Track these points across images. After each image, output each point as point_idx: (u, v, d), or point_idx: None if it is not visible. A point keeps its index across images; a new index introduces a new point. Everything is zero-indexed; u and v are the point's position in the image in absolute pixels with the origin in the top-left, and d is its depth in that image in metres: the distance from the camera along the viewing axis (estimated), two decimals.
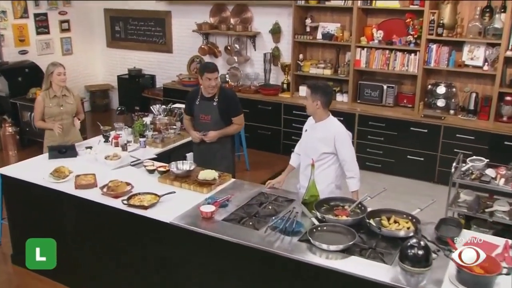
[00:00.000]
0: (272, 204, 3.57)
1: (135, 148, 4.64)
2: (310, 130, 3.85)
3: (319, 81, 3.78)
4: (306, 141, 3.86)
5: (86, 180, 3.81)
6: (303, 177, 3.93)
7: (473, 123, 5.89)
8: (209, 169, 3.87)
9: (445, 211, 4.78)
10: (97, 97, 8.98)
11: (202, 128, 4.41)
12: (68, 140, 4.75)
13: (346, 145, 3.74)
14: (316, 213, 3.29)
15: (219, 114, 4.35)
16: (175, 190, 3.67)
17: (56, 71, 4.62)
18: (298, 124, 6.85)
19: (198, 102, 4.41)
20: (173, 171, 3.89)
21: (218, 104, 4.33)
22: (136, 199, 3.51)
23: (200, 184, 3.74)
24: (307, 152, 3.84)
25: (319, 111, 3.74)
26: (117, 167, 4.18)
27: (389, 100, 6.41)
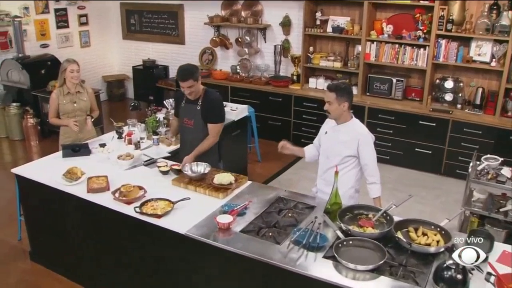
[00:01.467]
0: (291, 211, 3.01)
1: (148, 146, 4.07)
2: (331, 133, 3.26)
3: (338, 82, 3.16)
4: (327, 144, 3.28)
5: (98, 183, 3.25)
6: (321, 181, 3.37)
7: (479, 117, 5.29)
8: (225, 172, 3.31)
9: (461, 212, 4.23)
10: (114, 87, 8.36)
11: (186, 133, 3.73)
12: (82, 137, 4.18)
13: (369, 148, 3.16)
14: (341, 224, 2.73)
15: (202, 119, 3.61)
16: (189, 196, 3.12)
17: (69, 68, 4.03)
18: (308, 115, 6.28)
19: (183, 105, 3.70)
20: (188, 174, 3.32)
21: (201, 109, 3.60)
22: (149, 206, 2.95)
23: (216, 188, 3.18)
24: (328, 155, 3.27)
25: (344, 114, 3.15)
26: (129, 167, 3.62)
27: (398, 93, 5.79)
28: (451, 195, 5.08)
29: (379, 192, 3.19)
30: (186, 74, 3.47)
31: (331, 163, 3.24)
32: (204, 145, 3.63)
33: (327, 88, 3.14)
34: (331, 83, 3.21)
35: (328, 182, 3.28)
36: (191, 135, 3.69)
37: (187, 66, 3.58)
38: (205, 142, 3.64)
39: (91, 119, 4.21)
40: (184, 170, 3.37)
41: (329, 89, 3.12)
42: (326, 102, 3.15)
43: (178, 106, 3.76)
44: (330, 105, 3.13)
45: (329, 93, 3.11)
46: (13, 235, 4.23)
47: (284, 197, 3.17)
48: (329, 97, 3.12)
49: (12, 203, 4.41)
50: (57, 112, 4.12)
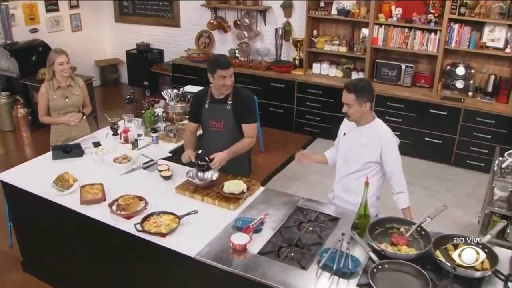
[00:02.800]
0: (312, 224, 2.55)
1: (147, 144, 3.56)
2: (350, 135, 2.78)
3: (356, 80, 2.63)
4: (346, 148, 2.80)
5: (93, 193, 2.76)
6: (338, 187, 2.91)
7: (491, 106, 4.84)
8: (235, 179, 2.83)
9: (482, 211, 3.82)
10: (107, 72, 7.72)
11: (213, 138, 3.11)
12: (75, 135, 3.66)
13: (394, 154, 2.70)
14: (373, 244, 2.29)
15: (234, 120, 3.03)
16: (196, 206, 2.65)
17: (58, 60, 3.46)
18: (311, 102, 5.79)
19: (207, 106, 3.06)
20: (193, 182, 2.84)
21: (233, 108, 3.01)
22: (152, 223, 2.48)
23: (226, 198, 2.71)
24: (347, 160, 2.80)
25: (366, 115, 2.67)
26: (127, 171, 3.12)
27: (406, 80, 5.30)
28: (464, 188, 4.68)
29: (408, 201, 2.74)
30: (228, 61, 2.92)
31: (351, 168, 2.78)
32: (242, 146, 3.04)
33: (345, 89, 2.63)
34: (348, 82, 2.67)
35: (347, 189, 2.83)
36: (220, 139, 3.05)
37: (223, 55, 3.00)
38: (243, 143, 3.05)
39: (82, 116, 3.66)
40: (188, 176, 2.88)
41: (347, 89, 2.61)
42: (345, 104, 2.65)
43: (199, 109, 3.10)
44: (349, 108, 2.63)
45: (348, 94, 2.60)
46: (3, 241, 3.74)
47: (303, 207, 2.71)
48: (347, 99, 2.61)
49: (2, 203, 3.90)
50: (47, 109, 3.57)
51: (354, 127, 2.74)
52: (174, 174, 3.02)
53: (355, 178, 2.77)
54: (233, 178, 2.92)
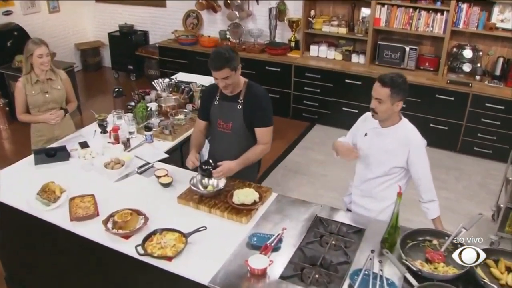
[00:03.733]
0: (335, 237, 2.26)
1: (140, 143, 3.19)
2: (373, 137, 2.46)
3: (394, 75, 2.29)
4: (368, 151, 2.49)
5: (84, 207, 2.40)
6: (357, 191, 2.62)
7: (500, 91, 4.58)
8: (245, 187, 2.50)
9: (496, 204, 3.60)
10: (88, 55, 7.18)
11: (219, 140, 2.76)
12: (58, 134, 3.26)
13: (423, 159, 2.40)
14: (408, 263, 2.02)
15: (244, 122, 2.65)
16: (202, 219, 2.33)
17: (37, 52, 3.01)
18: (310, 87, 5.44)
19: (216, 102, 2.70)
20: (198, 192, 2.50)
21: (243, 108, 2.62)
22: (155, 244, 2.14)
23: (237, 210, 2.38)
24: (368, 163, 2.49)
25: (394, 115, 2.36)
26: (120, 177, 2.76)
27: (410, 63, 4.99)
28: (472, 178, 4.46)
29: (439, 210, 2.46)
30: (219, 61, 2.44)
31: (373, 173, 2.48)
32: (253, 154, 2.65)
33: (379, 81, 2.30)
34: (383, 74, 2.33)
35: (366, 194, 2.55)
36: (227, 143, 2.71)
37: (220, 50, 2.50)
38: (255, 150, 2.66)
39: (65, 113, 3.25)
40: (191, 184, 2.54)
41: (381, 82, 2.28)
42: (375, 99, 2.32)
43: (209, 105, 2.73)
44: (380, 104, 2.31)
45: (381, 88, 2.28)
46: None
47: (323, 218, 2.41)
48: (380, 93, 2.29)
49: None
50: (25, 105, 3.15)
51: (378, 127, 2.42)
52: (174, 180, 2.67)
53: (378, 184, 2.48)
54: (242, 184, 2.59)
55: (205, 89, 2.85)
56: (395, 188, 2.47)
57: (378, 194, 2.49)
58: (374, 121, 2.44)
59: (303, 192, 4.28)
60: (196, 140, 2.82)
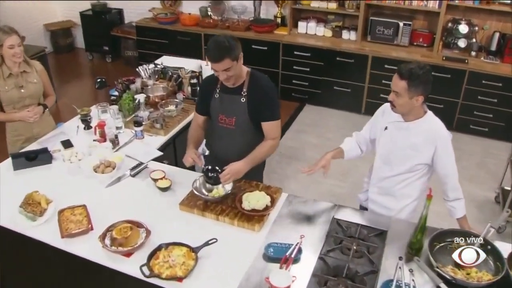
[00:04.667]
0: (357, 242, 2.08)
1: (130, 140, 2.89)
2: (395, 132, 2.25)
3: (414, 66, 2.03)
4: (388, 146, 2.28)
5: (76, 221, 2.13)
6: (374, 189, 2.43)
7: (496, 67, 4.45)
8: (255, 190, 2.28)
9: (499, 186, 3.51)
10: (59, 36, 6.65)
11: (221, 136, 2.50)
12: (37, 132, 2.93)
13: (451, 155, 2.21)
14: (441, 271, 1.86)
15: (249, 116, 2.39)
16: (210, 228, 2.11)
17: (7, 42, 2.64)
18: (299, 66, 5.19)
19: (217, 95, 2.43)
20: (203, 197, 2.26)
21: (248, 101, 2.36)
22: (162, 262, 1.91)
23: (248, 217, 2.17)
24: (389, 160, 2.29)
25: (416, 108, 2.15)
26: (112, 181, 2.48)
27: (404, 39, 4.79)
28: (472, 158, 4.37)
29: (465, 209, 2.30)
30: (219, 51, 2.16)
31: (394, 170, 2.29)
32: (263, 151, 2.40)
33: (397, 73, 2.06)
34: (403, 65, 2.07)
35: (385, 192, 2.37)
36: (231, 139, 2.46)
37: (219, 39, 2.20)
38: (264, 147, 2.41)
39: (44, 109, 2.91)
40: (194, 188, 2.30)
41: (399, 74, 2.05)
42: (393, 91, 2.11)
43: (208, 98, 2.45)
44: (397, 97, 2.09)
45: (399, 80, 2.05)
46: None
47: (340, 220, 2.23)
48: (397, 85, 2.06)
49: None
50: None
51: (400, 121, 2.22)
52: (173, 182, 2.42)
53: (398, 182, 2.30)
54: (248, 185, 2.37)
55: (204, 81, 2.56)
56: (416, 186, 2.32)
57: (398, 192, 2.32)
58: (395, 114, 2.23)
59: (301, 179, 4.09)
60: (195, 135, 2.56)
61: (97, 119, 3.02)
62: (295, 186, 4.02)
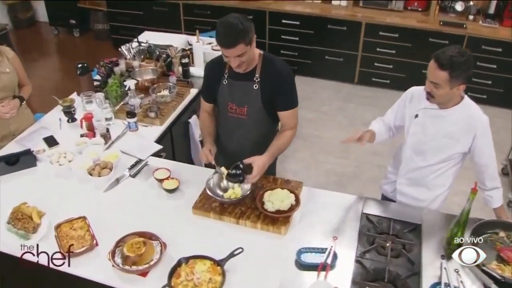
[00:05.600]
0: (390, 238, 1.93)
1: (122, 132, 2.60)
2: (428, 119, 2.05)
3: (455, 53, 1.81)
4: (420, 136, 2.10)
5: (77, 236, 1.88)
6: (403, 181, 2.26)
7: (496, 31, 4.31)
8: (277, 188, 2.07)
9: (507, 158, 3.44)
10: (17, 10, 6.04)
11: (231, 127, 2.26)
12: (15, 129, 2.60)
13: (490, 143, 2.03)
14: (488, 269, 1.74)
15: (263, 105, 2.15)
16: (232, 238, 1.90)
17: None
18: (287, 35, 4.91)
19: (225, 82, 2.17)
20: (220, 200, 2.04)
21: (261, 87, 2.10)
22: (185, 281, 1.69)
23: (272, 219, 1.97)
24: (422, 150, 2.11)
25: (456, 96, 1.96)
26: (110, 184, 2.21)
27: (398, 3, 4.58)
28: None
29: (502, 198, 2.17)
30: (232, 36, 1.87)
31: (427, 161, 2.12)
32: (283, 143, 2.19)
33: (436, 62, 1.83)
34: (441, 52, 1.84)
35: (416, 182, 2.22)
36: (243, 130, 2.24)
37: (231, 20, 1.89)
38: (284, 138, 2.20)
39: (21, 102, 2.56)
40: (208, 188, 2.07)
41: (439, 64, 1.82)
42: (430, 82, 1.90)
43: (214, 84, 2.19)
44: (437, 89, 1.88)
45: (439, 71, 1.83)
46: None
47: (370, 215, 2.06)
48: (437, 76, 1.85)
49: None
50: None
51: (434, 108, 2.02)
52: (180, 181, 2.18)
53: (431, 172, 2.14)
54: (265, 181, 2.16)
55: (209, 65, 2.27)
56: (450, 174, 2.17)
57: (431, 182, 2.16)
58: (425, 101, 2.03)
59: (301, 158, 3.92)
60: (208, 125, 2.30)
61: (82, 110, 2.70)
62: (295, 166, 3.84)
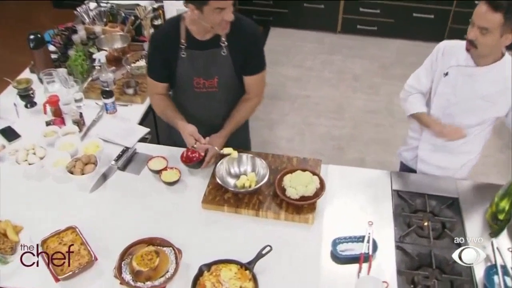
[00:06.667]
0: (427, 216, 1.88)
1: (98, 115, 2.36)
2: (460, 77, 1.93)
3: None
4: (451, 97, 1.99)
5: (72, 254, 1.68)
6: (427, 146, 2.17)
7: None
8: (298, 170, 1.95)
9: None
10: None
11: (200, 105, 2.12)
12: None
13: None
14: None
15: (235, 72, 2.03)
16: (255, 233, 1.78)
17: None
18: None
19: (184, 54, 1.97)
20: (231, 190, 1.89)
21: (231, 52, 1.97)
22: None
23: (297, 207, 1.85)
24: (451, 113, 2.02)
25: (499, 49, 1.85)
26: (96, 182, 2.00)
27: None
28: None
29: None
30: None
31: (455, 125, 2.02)
32: (245, 116, 2.17)
33: (489, 4, 1.69)
34: None
35: (441, 149, 2.15)
36: (213, 105, 2.12)
37: None
38: (246, 109, 2.14)
39: None
40: (218, 177, 1.91)
41: (493, 6, 1.68)
42: (477, 27, 1.76)
43: (167, 59, 1.99)
44: (484, 36, 1.75)
45: (492, 13, 1.69)
46: None
47: (401, 192, 1.99)
48: (488, 20, 1.71)
49: None
50: None
51: (469, 66, 1.91)
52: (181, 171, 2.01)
53: None
54: (280, 162, 2.03)
55: (156, 37, 2.03)
56: (480, 139, 2.12)
57: (458, 148, 2.09)
58: (460, 55, 1.91)
59: (292, 123, 3.79)
60: (170, 105, 2.12)
61: (43, 93, 2.41)
62: (287, 132, 3.72)
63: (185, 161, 1.99)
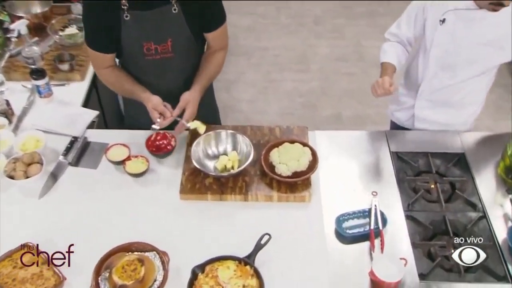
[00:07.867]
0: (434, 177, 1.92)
1: (29, 100, 2.18)
2: (461, 24, 1.91)
3: None
4: (448, 46, 1.97)
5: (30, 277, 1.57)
6: (424, 104, 2.18)
7: None
8: (287, 142, 1.91)
9: None
10: None
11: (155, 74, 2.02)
12: None
13: None
14: None
15: (190, 30, 1.94)
16: (252, 226, 1.74)
17: None
18: None
19: (127, 17, 1.83)
20: (211, 174, 1.83)
21: (183, 8, 1.87)
22: None
23: (289, 185, 1.82)
24: (450, 65, 2.02)
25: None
26: (44, 185, 1.86)
27: None
28: None
29: None
30: None
31: (456, 77, 2.04)
32: (216, 70, 2.09)
33: None
34: None
35: (440, 104, 2.18)
36: (171, 72, 2.03)
37: None
38: (216, 62, 2.07)
39: None
40: (195, 159, 1.83)
41: None
42: None
43: (109, 25, 1.84)
44: None
45: None
46: None
47: (401, 153, 2.01)
48: None
49: None
50: None
51: (470, 9, 1.87)
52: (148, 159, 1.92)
53: (460, 89, 2.08)
54: (261, 135, 1.98)
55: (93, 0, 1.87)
56: (483, 89, 2.16)
57: (459, 101, 2.12)
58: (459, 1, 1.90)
59: (252, 82, 3.73)
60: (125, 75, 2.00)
61: None
62: (247, 93, 3.65)
63: (152, 150, 1.90)
